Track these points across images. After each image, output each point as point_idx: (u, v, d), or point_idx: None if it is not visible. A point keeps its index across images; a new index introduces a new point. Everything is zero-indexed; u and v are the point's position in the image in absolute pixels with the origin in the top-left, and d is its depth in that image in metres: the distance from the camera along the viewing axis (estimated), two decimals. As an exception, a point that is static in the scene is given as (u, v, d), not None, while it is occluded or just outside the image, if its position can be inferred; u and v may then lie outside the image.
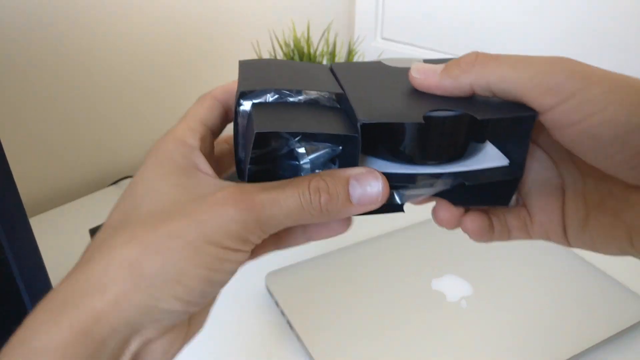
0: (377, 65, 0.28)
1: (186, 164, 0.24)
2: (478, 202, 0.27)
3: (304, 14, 0.84)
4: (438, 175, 0.25)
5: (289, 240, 0.28)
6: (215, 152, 0.28)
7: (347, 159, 0.25)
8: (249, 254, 0.23)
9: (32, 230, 0.38)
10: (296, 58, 0.66)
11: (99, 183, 0.76)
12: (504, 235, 0.28)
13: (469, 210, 0.27)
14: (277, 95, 0.24)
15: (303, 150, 0.25)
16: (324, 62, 0.70)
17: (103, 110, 0.73)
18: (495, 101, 0.24)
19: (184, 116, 0.26)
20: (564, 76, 0.21)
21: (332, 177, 0.23)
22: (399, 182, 0.25)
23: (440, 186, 0.25)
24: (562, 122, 0.22)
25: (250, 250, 0.23)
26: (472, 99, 0.24)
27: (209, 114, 0.27)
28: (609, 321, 0.47)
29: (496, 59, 0.23)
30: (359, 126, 0.22)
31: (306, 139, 0.24)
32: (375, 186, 0.23)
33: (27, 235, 0.38)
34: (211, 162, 0.25)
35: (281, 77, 0.26)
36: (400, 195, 0.25)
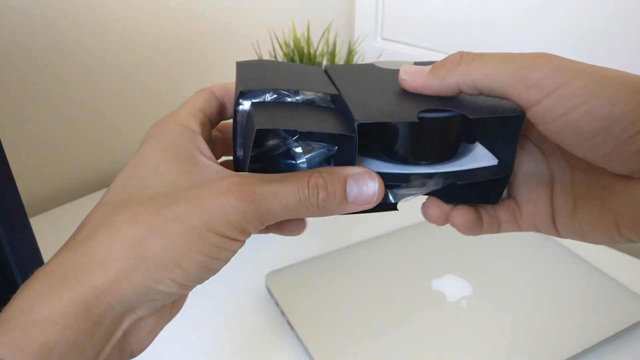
0: (370, 67, 0.29)
1: (190, 149, 0.24)
2: (468, 201, 0.28)
3: (304, 14, 0.84)
4: (430, 175, 0.26)
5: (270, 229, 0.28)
6: None
7: (342, 159, 0.25)
8: (244, 244, 0.24)
9: (32, 230, 0.38)
10: (296, 58, 0.66)
11: (99, 183, 0.76)
12: (494, 228, 0.28)
13: (457, 205, 0.28)
14: (275, 95, 0.25)
15: (300, 149, 0.25)
16: (324, 62, 0.70)
17: (103, 110, 0.73)
18: (484, 100, 0.25)
19: (183, 104, 0.27)
20: (546, 71, 0.22)
21: (331, 174, 0.24)
22: (392, 181, 0.25)
23: (432, 185, 0.26)
24: (546, 116, 0.22)
25: (246, 240, 0.23)
26: (461, 99, 0.25)
27: (207, 104, 0.27)
28: (609, 321, 0.47)
29: (480, 57, 0.23)
30: (355, 126, 0.23)
31: (303, 138, 0.25)
32: (372, 187, 0.24)
33: (27, 235, 0.38)
34: (210, 148, 0.26)
35: (279, 78, 0.26)
36: (393, 194, 0.26)
